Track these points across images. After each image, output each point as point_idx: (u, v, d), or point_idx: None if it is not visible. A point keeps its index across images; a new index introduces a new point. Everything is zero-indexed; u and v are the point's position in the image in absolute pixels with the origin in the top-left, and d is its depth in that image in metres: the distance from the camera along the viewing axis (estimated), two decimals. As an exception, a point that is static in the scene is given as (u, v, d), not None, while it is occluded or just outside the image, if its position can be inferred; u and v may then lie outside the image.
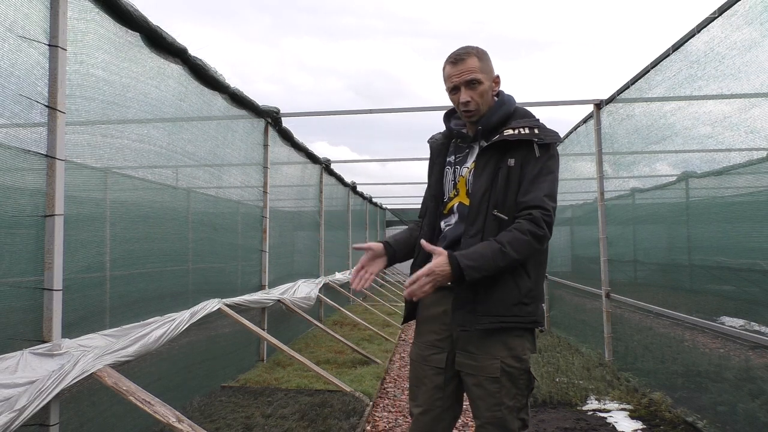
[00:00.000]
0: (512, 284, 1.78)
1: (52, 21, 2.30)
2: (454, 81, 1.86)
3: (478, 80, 1.84)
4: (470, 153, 1.95)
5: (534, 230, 1.73)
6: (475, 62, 1.85)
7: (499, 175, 1.81)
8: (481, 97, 1.86)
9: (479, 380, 1.81)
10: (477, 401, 1.82)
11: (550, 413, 3.78)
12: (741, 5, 2.84)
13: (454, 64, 1.86)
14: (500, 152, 1.83)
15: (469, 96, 1.85)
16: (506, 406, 1.81)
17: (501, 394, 1.80)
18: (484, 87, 1.86)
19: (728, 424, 3.06)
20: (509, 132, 1.81)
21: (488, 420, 1.81)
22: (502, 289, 1.78)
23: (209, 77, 3.81)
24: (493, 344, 1.80)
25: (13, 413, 1.95)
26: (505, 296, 1.78)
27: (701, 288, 3.64)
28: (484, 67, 1.87)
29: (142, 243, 3.19)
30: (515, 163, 1.80)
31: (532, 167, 1.79)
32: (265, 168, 5.21)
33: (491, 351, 1.80)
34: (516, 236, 1.72)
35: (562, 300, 7.13)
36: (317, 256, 7.80)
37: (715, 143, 3.23)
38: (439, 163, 2.00)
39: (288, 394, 4.05)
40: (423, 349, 1.95)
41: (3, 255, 2.11)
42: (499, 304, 1.78)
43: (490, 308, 1.78)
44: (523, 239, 1.72)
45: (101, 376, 2.34)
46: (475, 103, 1.85)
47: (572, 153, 6.35)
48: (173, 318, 3.10)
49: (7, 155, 2.12)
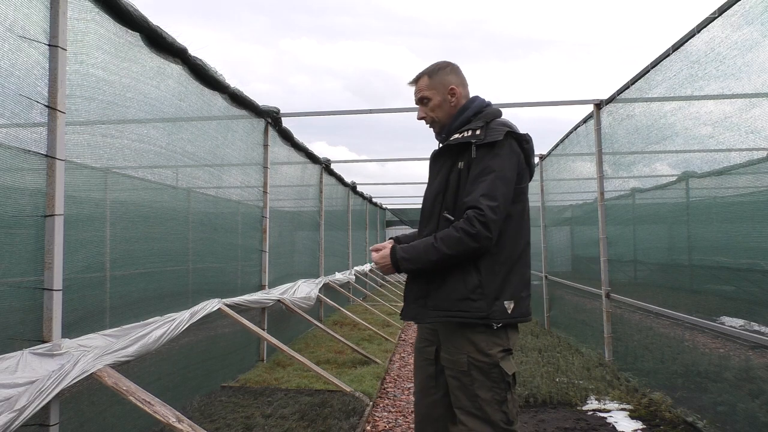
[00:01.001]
0: (459, 280, 1.89)
1: (52, 21, 2.30)
2: (415, 99, 2.11)
3: (426, 97, 2.06)
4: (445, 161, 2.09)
5: (466, 228, 1.81)
6: (425, 81, 2.06)
7: (450, 178, 1.95)
8: (434, 111, 2.06)
9: (454, 373, 1.95)
10: (455, 392, 1.96)
11: (550, 413, 3.78)
12: (741, 5, 2.83)
13: (412, 85, 2.11)
14: (453, 157, 1.97)
15: (423, 112, 2.08)
16: (482, 398, 1.89)
17: (474, 386, 1.90)
18: (435, 101, 2.05)
19: (728, 424, 3.06)
20: (456, 136, 1.96)
21: (467, 409, 1.92)
22: (449, 285, 1.90)
23: (209, 77, 3.81)
24: (459, 339, 1.93)
25: (13, 413, 1.95)
26: (451, 292, 1.90)
27: (701, 288, 3.64)
28: (433, 83, 2.05)
29: (142, 243, 3.19)
30: (464, 166, 1.92)
31: (473, 168, 1.90)
32: (265, 168, 5.21)
33: (458, 345, 1.93)
34: (448, 233, 1.85)
35: (562, 300, 7.13)
36: (317, 256, 7.80)
37: (715, 143, 3.23)
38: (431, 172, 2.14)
39: (288, 394, 4.05)
40: (419, 341, 2.15)
41: (3, 255, 2.11)
42: (445, 299, 1.91)
43: (438, 303, 1.92)
44: (455, 236, 1.82)
45: (101, 376, 2.33)
46: (429, 117, 2.07)
47: (572, 153, 6.34)
48: (173, 318, 3.10)
49: (7, 155, 2.12)
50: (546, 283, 7.65)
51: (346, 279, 9.10)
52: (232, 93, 4.25)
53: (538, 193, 7.88)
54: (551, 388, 4.17)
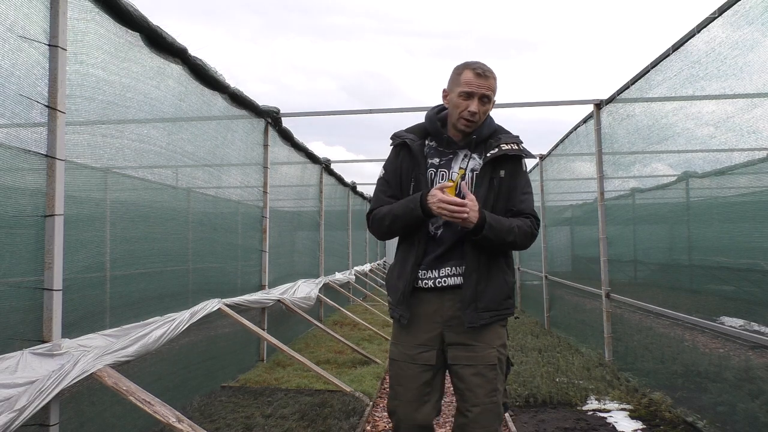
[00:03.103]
0: (502, 281, 2.03)
1: (52, 21, 2.30)
2: (474, 89, 1.98)
3: (490, 99, 2.03)
4: (455, 158, 2.08)
5: (533, 229, 2.03)
6: (495, 84, 2.03)
7: (494, 184, 2.02)
8: (484, 114, 2.05)
9: (478, 369, 1.97)
10: (475, 389, 1.95)
11: (550, 413, 3.78)
12: (741, 5, 2.83)
13: (479, 76, 1.99)
14: (493, 163, 2.03)
15: (479, 108, 1.99)
16: (499, 391, 2.00)
17: (497, 380, 1.99)
18: (489, 107, 2.05)
19: (728, 424, 3.06)
20: (506, 147, 2.02)
21: (486, 406, 1.95)
22: (494, 286, 2.01)
23: (209, 77, 3.81)
24: (488, 334, 2.01)
25: (13, 413, 1.95)
26: (498, 292, 2.01)
27: (701, 288, 3.64)
28: (496, 90, 2.06)
29: (142, 243, 3.19)
30: (505, 175, 2.04)
31: (520, 179, 2.07)
32: (265, 168, 5.21)
33: (487, 341, 2.00)
34: (523, 225, 2.00)
35: (562, 300, 7.13)
36: (317, 256, 7.80)
37: (716, 143, 3.23)
38: (422, 164, 2.09)
39: (288, 394, 4.05)
40: (410, 348, 2.05)
41: (3, 255, 2.11)
42: (493, 300, 2.00)
43: (488, 304, 1.99)
44: (527, 231, 2.01)
45: (101, 376, 2.33)
46: (479, 116, 2.01)
47: (572, 153, 6.34)
48: (173, 318, 3.10)
49: (7, 155, 2.12)
50: (546, 283, 7.65)
51: (346, 279, 9.10)
52: (232, 93, 4.25)
53: (538, 193, 7.88)
54: (551, 388, 4.17)
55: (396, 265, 2.13)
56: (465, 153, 2.07)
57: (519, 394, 4.11)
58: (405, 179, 2.08)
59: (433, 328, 2.02)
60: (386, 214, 2.04)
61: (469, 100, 1.98)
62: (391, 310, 2.13)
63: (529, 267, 9.23)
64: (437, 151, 2.09)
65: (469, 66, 2.00)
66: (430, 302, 2.03)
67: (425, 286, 2.03)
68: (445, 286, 2.01)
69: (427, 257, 2.04)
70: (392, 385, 2.09)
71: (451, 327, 2.01)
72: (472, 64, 2.01)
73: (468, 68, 2.00)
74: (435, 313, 2.02)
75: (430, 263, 2.03)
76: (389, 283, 2.15)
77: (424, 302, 2.04)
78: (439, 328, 2.02)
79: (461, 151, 2.07)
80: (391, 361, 2.11)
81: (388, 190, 2.11)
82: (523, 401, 4.02)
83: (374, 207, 2.13)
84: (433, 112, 2.14)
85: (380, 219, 2.07)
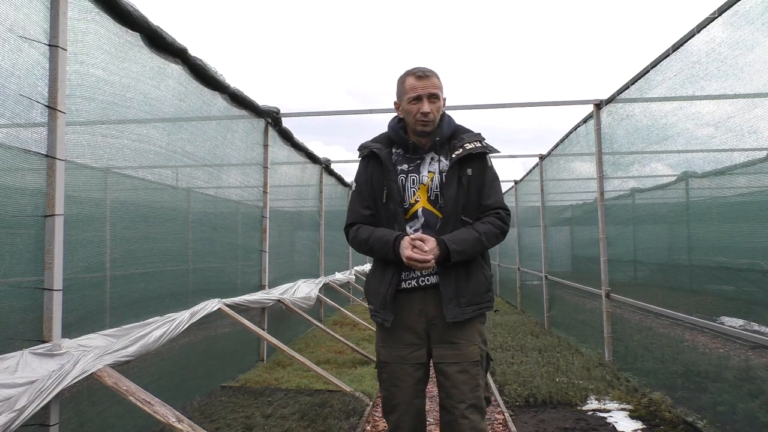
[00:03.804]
0: (481, 275, 2.09)
1: (52, 21, 2.30)
2: (419, 92, 2.08)
3: (438, 96, 2.10)
4: (422, 163, 2.15)
5: (503, 227, 2.09)
6: (438, 81, 2.11)
7: (462, 183, 2.08)
8: (438, 111, 2.11)
9: (463, 366, 2.03)
10: (461, 386, 2.01)
11: (550, 413, 3.78)
12: (741, 5, 2.83)
13: (421, 78, 2.09)
14: (460, 163, 2.09)
15: (430, 108, 2.07)
16: (481, 386, 2.06)
17: (479, 376, 2.06)
18: (440, 103, 2.12)
19: (728, 424, 3.07)
20: (470, 146, 2.09)
21: (472, 401, 2.00)
22: (474, 280, 2.07)
23: (209, 77, 3.81)
24: (470, 331, 2.08)
25: (13, 413, 1.95)
26: (478, 286, 2.07)
27: (701, 288, 3.64)
28: (441, 85, 2.13)
29: (142, 243, 3.19)
30: (473, 172, 2.10)
31: (487, 175, 2.13)
32: (265, 168, 5.21)
33: (470, 338, 2.07)
34: (490, 229, 2.05)
35: (562, 300, 7.13)
36: (317, 256, 7.80)
37: (716, 144, 3.23)
38: (392, 171, 2.14)
39: (288, 394, 4.05)
40: (400, 349, 2.10)
41: (3, 255, 2.11)
42: (475, 294, 2.07)
43: (470, 298, 2.05)
44: (495, 232, 2.06)
45: (101, 376, 2.34)
46: (433, 114, 2.08)
47: (572, 153, 6.34)
48: (173, 318, 3.10)
49: (7, 155, 2.12)
50: (546, 283, 7.65)
51: (346, 279, 9.10)
52: (232, 93, 4.25)
53: (538, 193, 7.88)
54: (551, 388, 4.17)
55: (376, 271, 2.17)
56: (432, 156, 2.14)
57: (519, 394, 4.11)
58: (377, 188, 2.14)
59: (420, 326, 2.09)
60: (364, 241, 2.11)
61: (419, 102, 2.08)
62: (374, 315, 2.16)
63: (529, 267, 9.23)
64: (405, 157, 2.17)
65: (410, 72, 2.12)
66: (414, 301, 2.09)
67: (409, 287, 2.10)
68: (428, 284, 2.08)
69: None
70: (387, 387, 2.12)
71: (435, 325, 2.07)
72: (412, 70, 2.12)
73: (409, 75, 2.11)
74: (420, 312, 2.08)
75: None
76: (369, 290, 2.19)
77: (409, 302, 2.09)
78: (424, 326, 2.08)
79: (428, 155, 2.15)
80: (383, 365, 2.13)
81: (363, 201, 2.19)
82: (523, 401, 4.03)
83: (351, 221, 2.21)
84: (395, 121, 2.22)
85: (359, 243, 2.15)
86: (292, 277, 6.21)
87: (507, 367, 4.88)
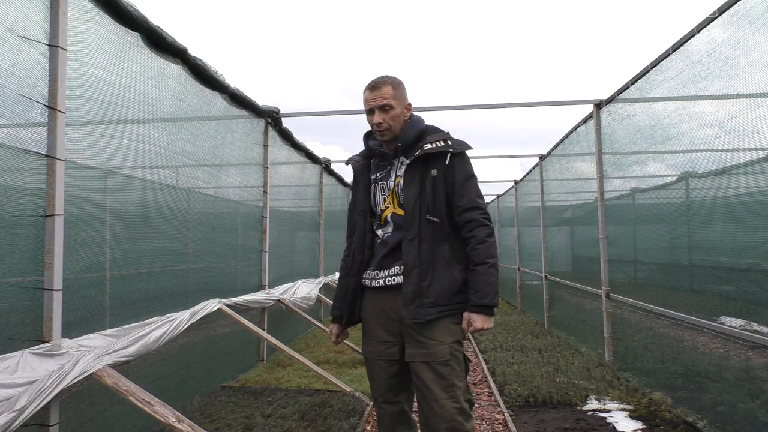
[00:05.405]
0: (450, 276, 2.07)
1: (52, 21, 2.30)
2: (371, 104, 2.14)
3: (390, 105, 2.12)
4: (392, 169, 2.21)
5: (488, 231, 2.08)
6: (389, 90, 2.13)
7: (426, 184, 2.09)
8: (393, 120, 2.14)
9: (432, 366, 2.04)
10: (430, 385, 2.03)
11: (550, 413, 3.78)
12: (741, 5, 2.83)
13: (371, 90, 2.14)
14: (423, 165, 2.11)
15: (381, 118, 2.12)
16: (457, 387, 2.04)
17: (452, 376, 2.04)
18: (395, 111, 2.14)
19: (728, 424, 3.06)
20: (428, 146, 2.09)
21: (445, 401, 2.01)
22: (442, 281, 2.06)
23: (209, 77, 3.81)
24: (439, 330, 2.06)
25: (13, 413, 1.95)
26: (445, 287, 2.06)
27: (701, 288, 3.64)
28: (397, 94, 2.15)
29: (142, 243, 3.19)
30: (437, 173, 2.10)
31: (457, 174, 2.11)
32: (264, 168, 5.21)
33: (440, 337, 2.06)
34: (485, 247, 2.05)
35: (562, 300, 7.13)
36: (317, 256, 7.80)
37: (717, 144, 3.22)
38: (363, 181, 2.26)
39: (288, 394, 4.05)
40: (376, 345, 2.19)
41: (3, 255, 2.11)
42: (442, 295, 2.05)
43: (435, 300, 2.05)
44: (487, 243, 2.06)
45: (101, 376, 2.33)
46: (387, 124, 2.12)
47: (572, 153, 6.34)
48: (173, 318, 3.10)
49: (7, 155, 2.12)
50: (546, 283, 7.65)
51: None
52: (232, 93, 4.25)
53: (538, 193, 7.88)
54: (551, 388, 4.17)
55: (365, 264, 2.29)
56: (401, 161, 2.20)
57: (519, 394, 4.11)
58: (362, 195, 2.27)
59: (392, 325, 2.15)
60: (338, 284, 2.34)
61: (372, 115, 2.14)
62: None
63: (529, 267, 9.23)
64: (378, 165, 2.27)
65: (366, 87, 2.18)
66: (385, 300, 2.17)
67: (378, 285, 2.18)
68: (394, 284, 2.13)
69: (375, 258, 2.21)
70: (369, 378, 2.28)
71: (405, 324, 2.11)
72: (368, 83, 2.17)
73: (365, 89, 2.17)
74: (391, 310, 2.15)
75: (379, 263, 2.19)
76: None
77: (380, 301, 2.19)
78: (397, 325, 2.14)
79: (396, 161, 2.21)
80: (364, 357, 2.28)
81: (355, 209, 2.32)
82: (523, 401, 4.02)
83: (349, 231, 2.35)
84: (366, 134, 2.31)
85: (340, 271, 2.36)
86: (292, 277, 6.21)
87: (507, 367, 4.88)
